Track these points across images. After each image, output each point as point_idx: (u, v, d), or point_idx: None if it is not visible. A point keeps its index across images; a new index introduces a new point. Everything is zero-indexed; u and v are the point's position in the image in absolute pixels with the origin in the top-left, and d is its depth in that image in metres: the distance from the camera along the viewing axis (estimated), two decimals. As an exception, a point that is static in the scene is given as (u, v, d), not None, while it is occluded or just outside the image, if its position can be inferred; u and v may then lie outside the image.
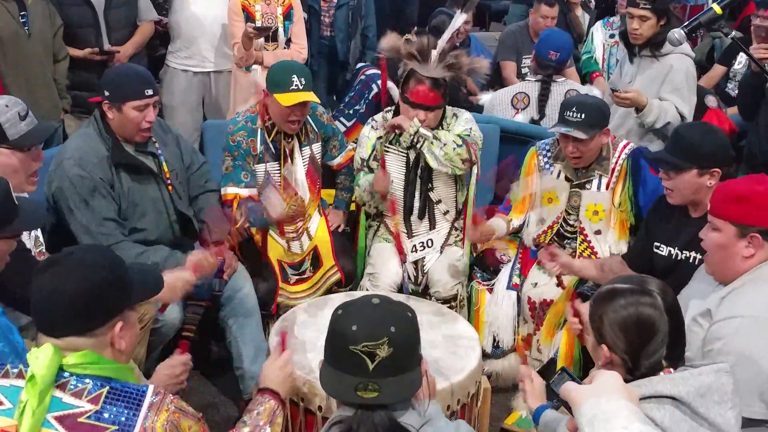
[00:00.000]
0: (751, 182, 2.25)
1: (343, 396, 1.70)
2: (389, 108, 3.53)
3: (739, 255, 2.20)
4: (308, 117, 3.40)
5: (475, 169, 3.41)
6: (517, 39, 5.22)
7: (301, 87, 3.16)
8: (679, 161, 2.69)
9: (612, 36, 5.08)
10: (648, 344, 1.73)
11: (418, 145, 3.28)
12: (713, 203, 2.28)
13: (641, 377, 1.72)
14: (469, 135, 3.31)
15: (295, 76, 3.15)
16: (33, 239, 2.63)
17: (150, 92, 2.94)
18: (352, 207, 3.74)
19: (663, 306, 1.74)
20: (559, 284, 3.20)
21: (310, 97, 3.19)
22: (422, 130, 3.25)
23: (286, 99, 3.15)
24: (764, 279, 2.19)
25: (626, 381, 1.65)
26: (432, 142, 3.26)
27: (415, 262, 3.45)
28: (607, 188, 3.24)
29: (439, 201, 3.45)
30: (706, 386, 1.67)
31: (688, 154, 2.68)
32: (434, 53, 3.24)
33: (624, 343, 1.74)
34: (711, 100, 4.39)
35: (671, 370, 1.73)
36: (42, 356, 1.59)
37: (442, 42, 3.28)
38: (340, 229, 3.62)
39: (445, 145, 3.26)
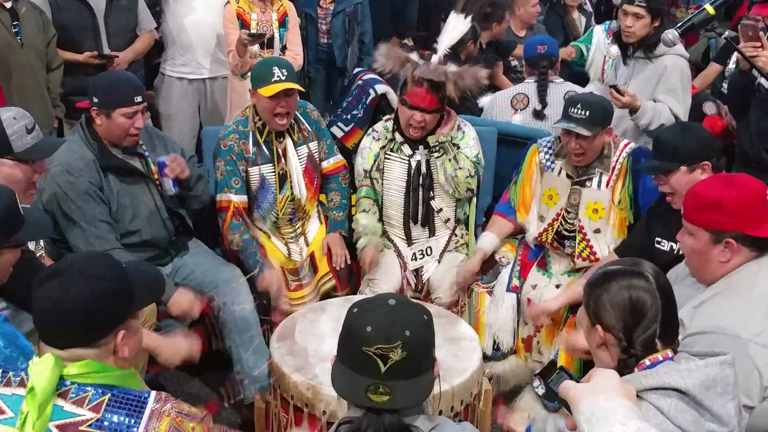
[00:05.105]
0: (721, 186, 2.17)
1: (354, 398, 1.69)
2: (388, 117, 3.54)
3: (716, 260, 2.15)
4: (299, 115, 3.40)
5: (474, 199, 3.49)
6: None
7: (283, 78, 3.17)
8: (665, 164, 2.73)
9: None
10: (642, 319, 1.76)
11: (436, 155, 3.31)
12: (685, 208, 2.23)
13: (635, 357, 1.75)
14: (479, 163, 3.37)
15: (276, 67, 3.18)
16: (33, 242, 2.65)
17: (139, 99, 2.97)
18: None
19: (655, 284, 1.79)
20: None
21: (292, 85, 3.19)
22: (447, 145, 3.29)
23: (268, 90, 3.16)
24: (736, 289, 2.14)
25: (622, 361, 1.73)
26: (449, 159, 3.28)
27: (415, 270, 3.46)
28: (607, 186, 3.24)
29: (440, 209, 3.46)
30: (711, 379, 1.69)
31: (671, 155, 2.72)
32: (435, 57, 3.24)
33: (618, 320, 1.77)
34: (709, 107, 4.35)
35: (668, 353, 1.76)
36: (41, 368, 1.58)
37: (443, 45, 3.28)
38: (348, 259, 3.41)
39: (460, 168, 3.30)
